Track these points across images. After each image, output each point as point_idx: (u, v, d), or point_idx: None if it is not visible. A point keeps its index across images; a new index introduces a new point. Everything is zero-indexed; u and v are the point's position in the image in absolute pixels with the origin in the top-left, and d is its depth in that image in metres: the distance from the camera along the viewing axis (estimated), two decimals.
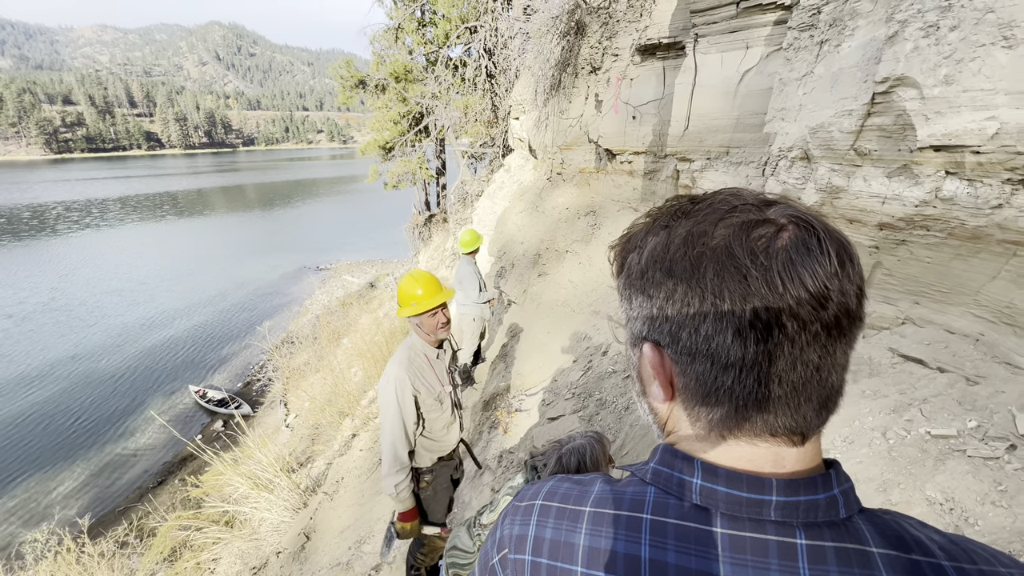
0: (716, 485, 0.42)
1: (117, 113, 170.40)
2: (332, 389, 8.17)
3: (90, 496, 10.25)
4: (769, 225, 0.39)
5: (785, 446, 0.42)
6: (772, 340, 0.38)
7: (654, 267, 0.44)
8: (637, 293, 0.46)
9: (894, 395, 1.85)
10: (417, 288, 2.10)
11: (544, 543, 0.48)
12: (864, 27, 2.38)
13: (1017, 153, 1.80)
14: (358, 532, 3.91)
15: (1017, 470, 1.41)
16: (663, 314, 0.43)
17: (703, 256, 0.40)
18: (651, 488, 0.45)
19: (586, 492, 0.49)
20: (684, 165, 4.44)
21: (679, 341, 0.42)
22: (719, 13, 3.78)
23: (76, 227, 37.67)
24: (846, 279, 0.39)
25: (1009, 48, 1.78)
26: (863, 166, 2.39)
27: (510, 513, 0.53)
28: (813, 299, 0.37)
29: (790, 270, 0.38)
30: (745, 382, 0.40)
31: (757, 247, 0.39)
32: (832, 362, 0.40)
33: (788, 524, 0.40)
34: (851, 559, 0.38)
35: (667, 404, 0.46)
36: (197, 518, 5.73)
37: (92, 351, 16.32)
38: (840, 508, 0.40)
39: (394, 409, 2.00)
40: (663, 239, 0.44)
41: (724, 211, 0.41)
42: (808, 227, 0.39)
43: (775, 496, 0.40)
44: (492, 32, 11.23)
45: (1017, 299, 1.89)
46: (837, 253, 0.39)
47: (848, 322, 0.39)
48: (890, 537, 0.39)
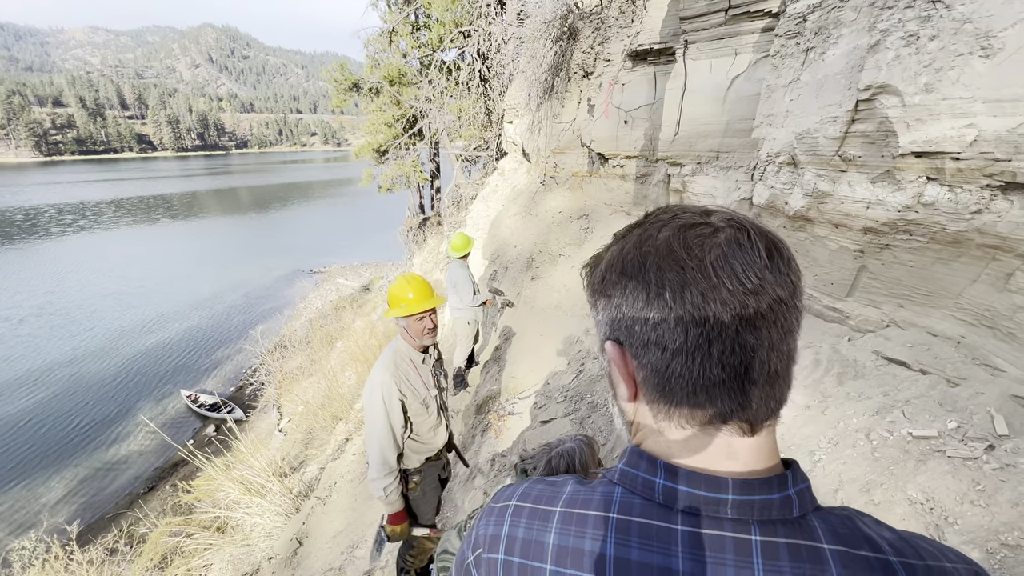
0: (676, 484, 0.44)
1: (108, 115, 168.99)
2: (325, 393, 8.13)
3: (79, 503, 10.12)
4: (706, 227, 0.44)
5: (736, 435, 0.44)
6: (708, 324, 0.41)
7: (611, 270, 0.48)
8: (600, 297, 0.50)
9: (878, 397, 1.88)
10: (408, 291, 2.10)
11: (516, 542, 0.50)
12: (848, 36, 2.43)
13: (995, 160, 1.84)
14: (351, 537, 3.90)
15: (995, 470, 1.45)
16: (620, 312, 0.47)
17: (648, 254, 0.45)
18: (618, 488, 0.48)
19: (558, 493, 0.51)
20: (675, 169, 4.48)
21: (634, 335, 0.46)
22: (708, 20, 3.84)
23: (70, 230, 37.43)
24: (777, 271, 0.42)
25: (986, 57, 1.83)
26: (848, 171, 2.43)
27: (485, 514, 0.55)
28: (744, 288, 0.41)
29: (722, 261, 0.42)
30: (691, 367, 0.43)
31: (693, 243, 0.43)
32: (769, 347, 0.42)
33: (744, 521, 0.42)
34: (802, 555, 0.40)
35: (633, 404, 0.49)
36: (188, 524, 5.67)
37: (82, 355, 16.15)
38: (794, 507, 0.43)
39: (381, 414, 2.00)
40: (619, 247, 0.49)
41: (667, 219, 0.46)
42: (740, 227, 0.44)
43: (731, 495, 0.43)
44: (486, 36, 11.28)
45: (996, 302, 1.93)
46: (767, 248, 0.43)
47: (782, 309, 0.42)
48: (841, 534, 0.41)
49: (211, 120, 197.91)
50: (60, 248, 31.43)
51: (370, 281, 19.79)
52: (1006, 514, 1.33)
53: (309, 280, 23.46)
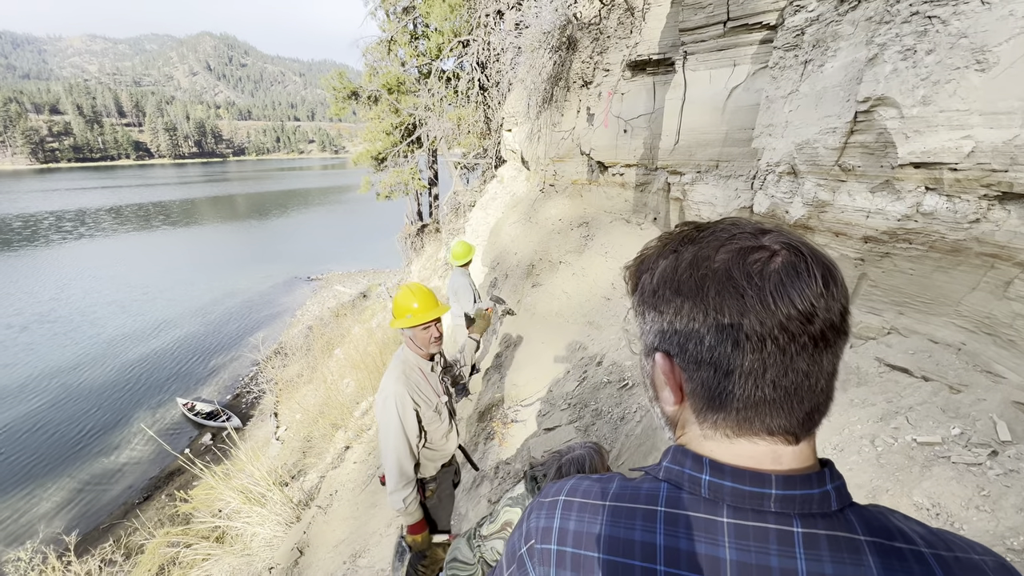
0: (723, 480, 0.47)
1: (105, 123, 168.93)
2: (324, 401, 8.10)
3: (75, 513, 10.01)
4: (764, 251, 0.45)
5: (782, 444, 0.47)
6: (766, 350, 0.44)
7: (664, 286, 0.49)
8: (650, 309, 0.51)
9: (881, 403, 1.91)
10: (413, 301, 2.11)
11: (568, 534, 0.53)
12: (846, 48, 2.48)
13: (992, 170, 1.88)
14: (353, 546, 3.88)
15: (999, 475, 1.47)
16: (672, 328, 0.49)
17: (706, 277, 0.46)
18: (664, 484, 0.51)
19: (605, 488, 0.54)
20: (675, 178, 4.53)
21: (686, 351, 0.48)
22: (707, 32, 3.90)
23: (70, 237, 37.43)
24: (831, 298, 0.44)
25: (982, 71, 1.88)
26: (847, 181, 2.47)
27: (536, 508, 0.58)
28: (801, 315, 0.43)
29: (781, 290, 0.43)
30: (744, 387, 0.45)
31: (752, 270, 0.44)
32: (820, 370, 0.45)
33: (786, 515, 0.45)
34: (841, 545, 0.43)
35: (677, 407, 0.52)
36: (186, 534, 5.62)
37: (79, 363, 16.03)
38: (832, 501, 0.45)
39: (396, 425, 2.00)
40: (672, 262, 0.50)
41: (725, 238, 0.47)
42: (798, 252, 0.45)
43: (774, 490, 0.45)
44: (485, 46, 11.39)
45: (996, 310, 1.97)
46: (823, 275, 0.44)
47: (833, 335, 0.45)
48: (876, 527, 0.44)
49: (208, 127, 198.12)
50: (62, 255, 31.41)
51: (368, 288, 19.77)
52: (1011, 519, 1.35)
53: (307, 287, 23.42)
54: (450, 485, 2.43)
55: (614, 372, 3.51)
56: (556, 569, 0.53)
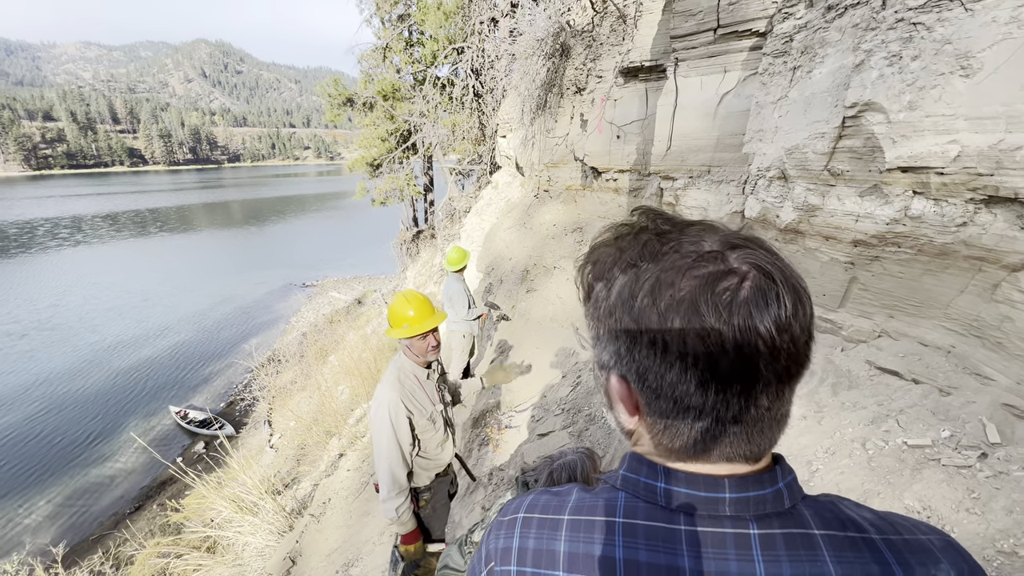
0: (678, 487, 0.47)
1: (99, 129, 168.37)
2: (318, 408, 8.05)
3: (63, 523, 9.85)
4: (733, 276, 0.42)
5: (740, 465, 0.47)
6: (731, 391, 0.42)
7: (622, 310, 0.46)
8: (605, 330, 0.48)
9: (872, 406, 1.91)
10: (409, 310, 2.07)
11: (528, 553, 0.51)
12: (833, 55, 2.51)
13: (978, 174, 1.90)
14: (345, 555, 3.83)
15: (988, 478, 1.47)
16: (631, 355, 0.46)
17: (670, 309, 0.42)
18: (622, 494, 0.50)
19: (564, 502, 0.53)
20: (668, 183, 4.56)
21: (645, 381, 0.46)
22: (698, 39, 3.94)
23: (67, 244, 37.22)
24: (798, 326, 0.42)
25: (966, 77, 1.90)
26: (837, 186, 2.49)
27: (495, 528, 0.56)
28: (768, 351, 0.41)
29: (748, 325, 0.40)
30: (704, 423, 0.44)
31: (721, 302, 0.41)
32: (781, 401, 0.45)
33: (741, 518, 0.45)
34: (797, 543, 0.43)
35: (633, 423, 0.50)
36: (177, 544, 5.54)
37: (68, 372, 15.84)
38: (785, 499, 0.46)
39: (388, 433, 1.98)
40: (631, 281, 0.45)
41: (691, 260, 0.43)
42: (768, 276, 0.42)
43: (728, 494, 0.45)
44: (479, 53, 11.45)
45: (984, 312, 1.98)
46: (792, 300, 0.42)
47: (796, 368, 0.44)
48: (828, 519, 0.45)
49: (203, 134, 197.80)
50: (60, 261, 31.19)
51: (363, 294, 19.72)
52: (1001, 521, 1.35)
53: (302, 294, 23.31)
54: (445, 495, 2.40)
55: None
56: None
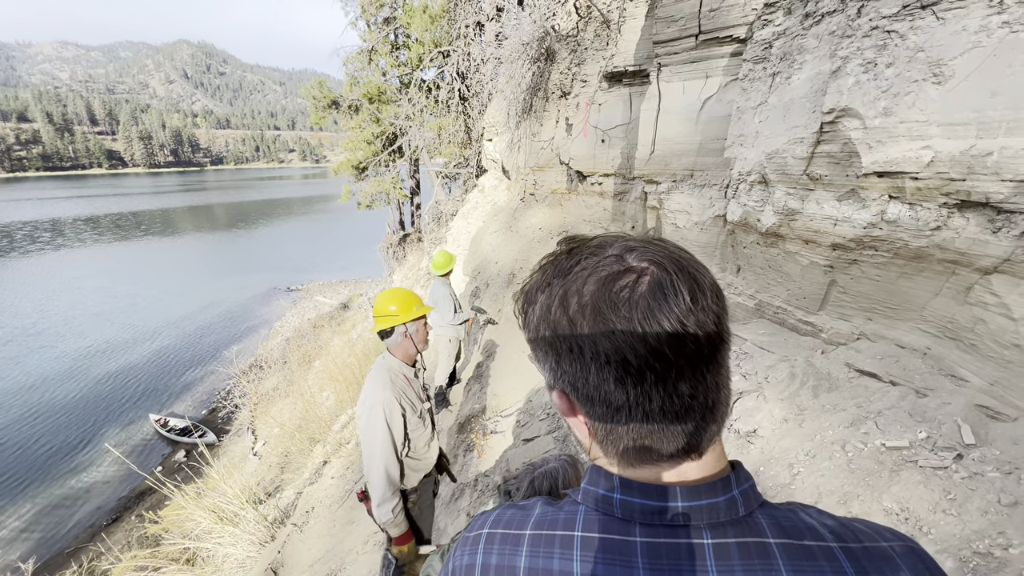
0: (632, 498, 0.47)
1: (77, 131, 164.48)
2: (303, 414, 7.90)
3: (36, 538, 9.52)
4: (630, 274, 0.44)
5: (684, 463, 0.47)
6: (646, 383, 0.43)
7: (544, 326, 0.48)
8: (537, 349, 0.50)
9: (852, 408, 1.93)
10: (400, 300, 2.15)
11: (490, 569, 0.51)
12: (811, 61, 2.55)
13: (951, 179, 1.94)
14: (329, 565, 3.76)
15: (964, 479, 1.49)
16: (560, 368, 0.48)
17: (577, 315, 0.44)
18: (582, 507, 0.50)
19: (527, 516, 0.53)
20: (651, 187, 4.59)
21: (577, 389, 0.47)
22: (680, 44, 3.98)
23: (48, 248, 36.35)
24: (700, 311, 0.43)
25: (939, 84, 1.94)
26: (816, 190, 2.53)
27: (460, 544, 0.56)
28: (673, 339, 0.42)
29: (649, 317, 0.42)
30: (634, 419, 0.45)
31: (619, 300, 0.43)
32: (705, 387, 0.44)
33: (696, 527, 0.44)
34: (751, 552, 0.43)
35: (584, 433, 0.51)
36: (155, 557, 5.39)
37: (45, 378, 15.37)
38: (739, 507, 0.45)
39: (383, 434, 1.97)
40: (546, 299, 0.48)
41: (591, 267, 0.45)
42: (663, 269, 0.44)
43: (680, 502, 0.45)
44: (465, 56, 11.45)
45: (958, 315, 2.02)
46: (689, 290, 0.43)
47: (710, 349, 0.44)
48: (786, 527, 0.44)
49: (185, 136, 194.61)
50: (41, 266, 30.43)
51: (349, 299, 19.50)
52: (976, 522, 1.37)
53: (286, 298, 22.97)
54: (430, 496, 2.41)
55: None
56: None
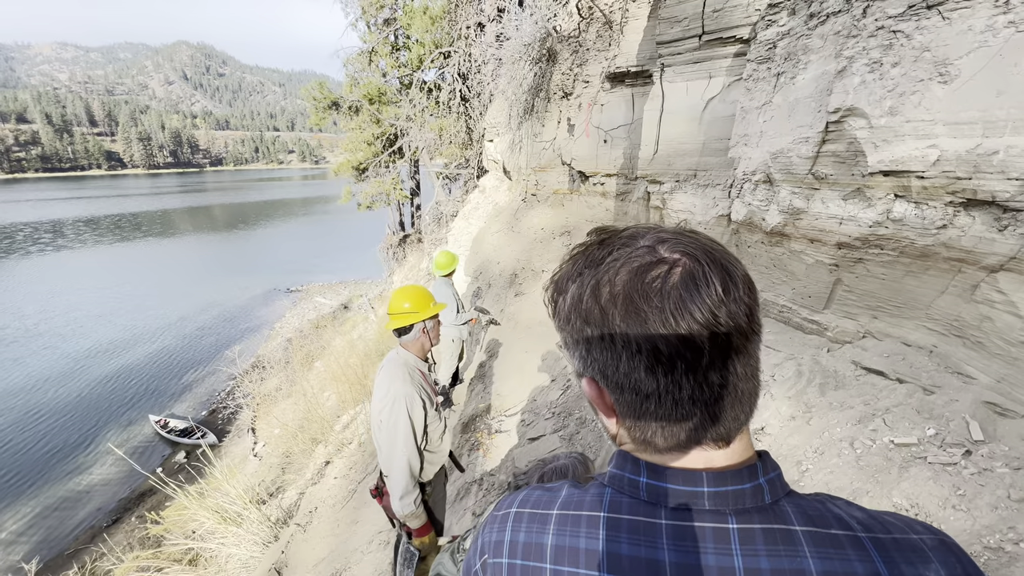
0: (659, 482, 0.48)
1: (76, 132, 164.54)
2: (304, 415, 7.91)
3: (37, 538, 9.52)
4: (662, 265, 0.44)
5: (712, 450, 0.48)
6: (677, 371, 0.44)
7: (574, 315, 0.49)
8: (568, 337, 0.51)
9: (859, 406, 1.94)
10: (413, 299, 2.19)
11: (518, 546, 0.53)
12: (816, 61, 2.56)
13: (957, 178, 1.95)
14: (333, 565, 3.76)
15: (973, 475, 1.50)
16: (591, 356, 0.49)
17: (609, 304, 0.45)
18: (608, 490, 0.52)
19: (554, 497, 0.55)
20: (654, 187, 4.60)
21: (607, 377, 0.48)
22: (683, 45, 3.99)
23: (49, 249, 36.56)
24: (732, 302, 0.44)
25: (945, 83, 1.95)
26: (821, 189, 2.54)
27: (489, 522, 0.59)
28: (704, 329, 0.43)
29: (681, 307, 0.42)
30: (664, 407, 0.46)
31: (651, 290, 0.43)
32: (735, 377, 0.45)
33: (721, 512, 0.45)
34: (777, 538, 0.43)
35: (613, 421, 0.52)
36: (157, 557, 5.39)
37: (46, 379, 15.36)
38: (765, 495, 0.46)
39: (406, 426, 1.99)
40: (577, 289, 0.49)
41: (624, 258, 0.46)
42: (695, 260, 0.44)
43: (706, 488, 0.46)
44: (466, 57, 11.47)
45: (964, 313, 2.03)
46: (721, 281, 0.44)
47: (741, 340, 0.44)
48: (812, 516, 0.45)
49: (184, 137, 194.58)
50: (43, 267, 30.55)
51: (349, 299, 19.49)
52: (987, 517, 1.38)
53: (286, 299, 22.97)
54: (443, 488, 2.47)
55: None
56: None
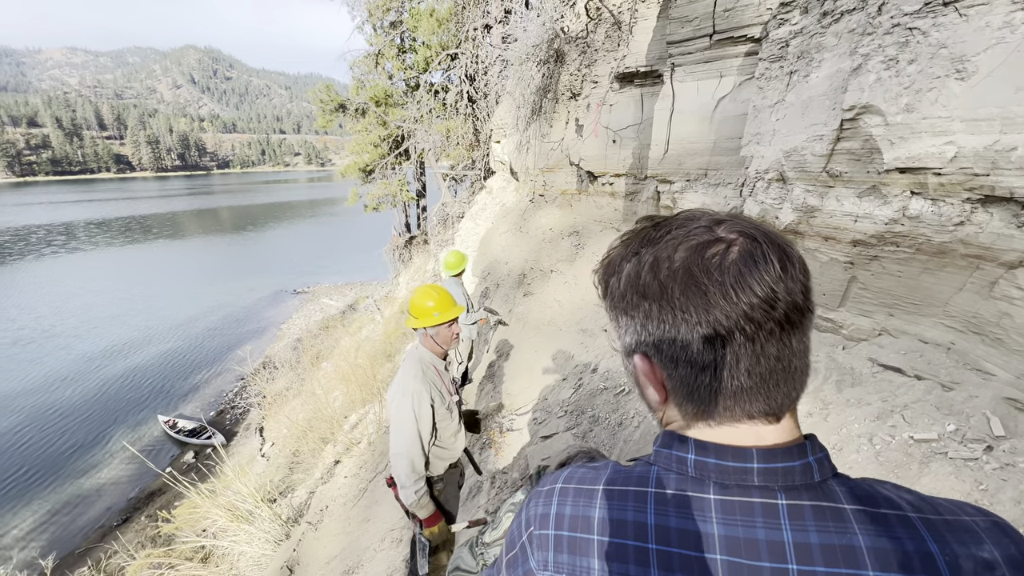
0: (707, 458, 0.49)
1: (85, 135, 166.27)
2: (312, 415, 7.95)
3: (50, 536, 9.62)
4: (720, 243, 0.46)
5: (762, 425, 0.49)
6: (735, 342, 0.45)
7: (630, 291, 0.51)
8: (621, 314, 0.53)
9: (877, 403, 1.94)
10: (434, 300, 2.19)
11: (565, 518, 0.55)
12: (830, 59, 2.56)
13: (974, 175, 1.95)
14: (345, 562, 3.78)
15: (995, 470, 1.50)
16: (645, 330, 0.50)
17: (668, 279, 0.47)
18: (654, 467, 0.53)
19: (599, 475, 0.56)
20: (664, 186, 4.60)
21: (662, 351, 0.50)
22: (694, 44, 4.00)
23: (63, 251, 37.14)
24: (790, 280, 0.45)
25: (961, 80, 1.95)
26: (835, 187, 2.54)
27: (534, 497, 0.60)
28: (764, 302, 0.44)
29: (741, 281, 0.44)
30: (720, 379, 0.47)
31: (711, 265, 0.45)
32: (791, 352, 0.47)
33: (770, 488, 0.46)
34: (826, 515, 0.44)
35: (662, 403, 0.54)
36: (169, 555, 5.43)
37: (54, 381, 15.51)
38: (815, 473, 0.47)
39: (411, 422, 2.03)
40: (634, 265, 0.51)
41: (682, 236, 0.48)
42: (753, 239, 0.46)
43: (756, 464, 0.47)
44: (473, 59, 11.51)
45: (983, 309, 2.02)
46: (779, 259, 0.46)
47: (798, 316, 0.46)
48: (861, 496, 0.45)
49: (192, 140, 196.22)
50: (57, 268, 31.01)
51: (355, 301, 19.58)
52: (1009, 512, 1.37)
53: (293, 301, 23.11)
54: (456, 486, 2.47)
55: (610, 378, 3.51)
56: (554, 553, 0.54)
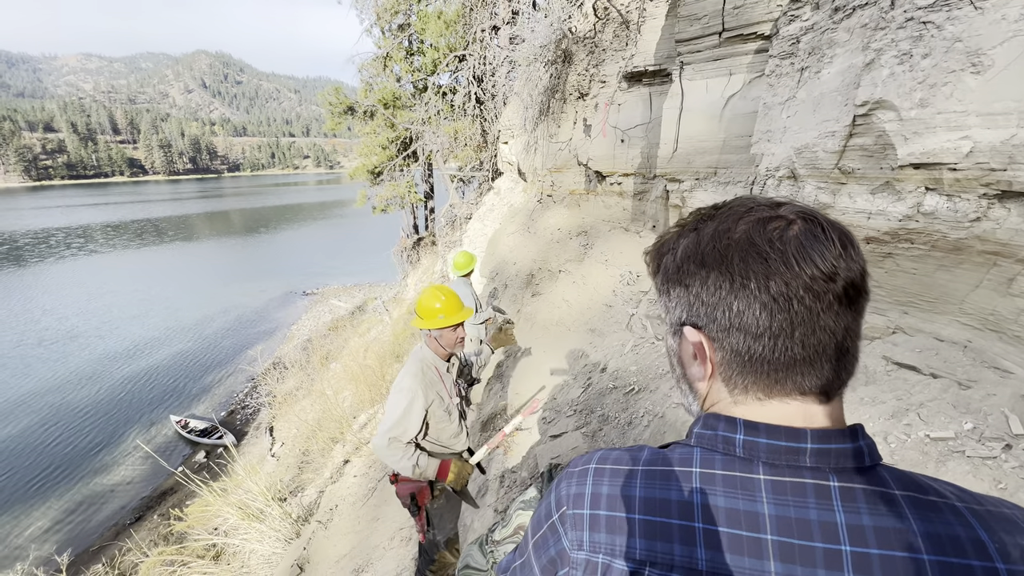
0: (757, 438, 0.48)
1: (100, 140, 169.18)
2: (322, 414, 8.01)
3: (66, 533, 9.77)
4: (781, 220, 0.47)
5: (813, 403, 0.48)
6: (792, 310, 0.45)
7: (688, 261, 0.51)
8: (675, 285, 0.53)
9: (891, 401, 1.91)
10: (441, 302, 2.19)
11: (601, 498, 0.54)
12: (842, 55, 2.54)
13: (991, 170, 1.92)
14: (355, 561, 3.80)
15: (1015, 468, 1.47)
16: (699, 299, 0.51)
17: (729, 247, 0.48)
18: (697, 449, 0.52)
19: (636, 456, 0.56)
20: (674, 185, 4.58)
21: (715, 320, 0.50)
22: (703, 42, 3.98)
23: (81, 253, 37.93)
24: (849, 259, 0.46)
25: (977, 74, 1.92)
26: (848, 183, 2.51)
27: (565, 478, 0.59)
28: (824, 275, 0.45)
29: (802, 252, 0.45)
30: (774, 347, 0.47)
31: (773, 236, 0.46)
32: (845, 327, 0.47)
33: (821, 469, 0.46)
34: (878, 499, 0.44)
35: (707, 382, 0.53)
36: (181, 553, 5.49)
37: (62, 383, 15.76)
38: (865, 457, 0.47)
39: (399, 418, 2.04)
40: (693, 239, 0.52)
41: (743, 212, 0.50)
42: (814, 220, 0.47)
43: (810, 444, 0.46)
44: (480, 60, 11.55)
45: (1000, 307, 1.99)
46: (840, 239, 0.47)
47: (855, 294, 0.46)
48: (908, 483, 0.46)
49: (203, 144, 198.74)
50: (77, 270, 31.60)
51: (364, 302, 19.69)
52: None
53: (303, 302, 23.30)
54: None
55: (619, 378, 3.49)
56: (589, 532, 0.53)
